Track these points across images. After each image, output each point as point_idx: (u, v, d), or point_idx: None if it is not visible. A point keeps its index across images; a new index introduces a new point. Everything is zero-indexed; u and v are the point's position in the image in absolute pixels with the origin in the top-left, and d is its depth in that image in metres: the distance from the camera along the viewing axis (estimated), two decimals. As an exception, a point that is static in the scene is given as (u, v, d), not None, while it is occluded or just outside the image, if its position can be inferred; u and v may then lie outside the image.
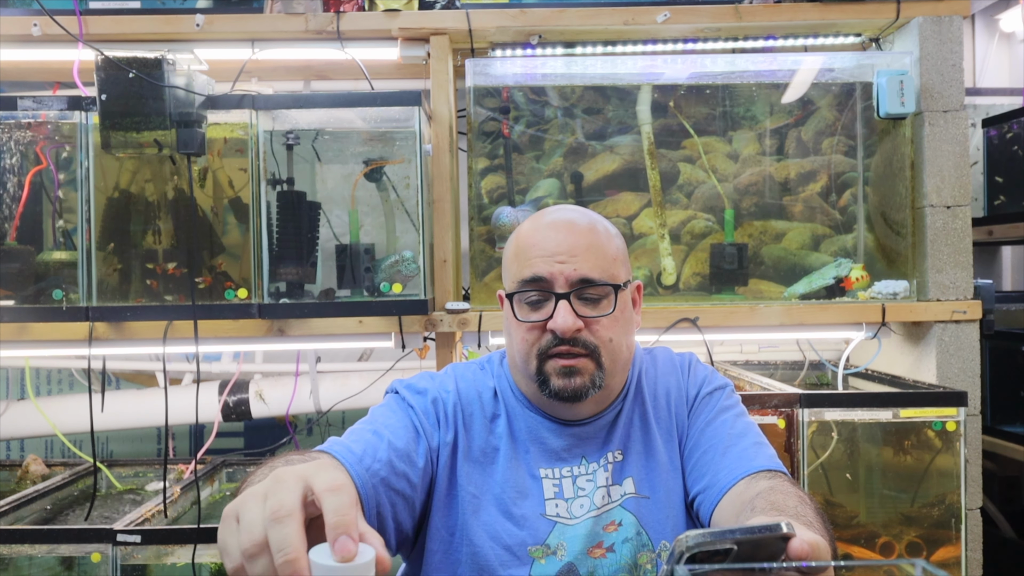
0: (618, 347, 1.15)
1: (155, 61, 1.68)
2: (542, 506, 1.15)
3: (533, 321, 1.13)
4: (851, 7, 1.97)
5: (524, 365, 1.16)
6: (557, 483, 1.16)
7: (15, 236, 1.89)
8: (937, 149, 1.98)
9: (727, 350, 2.42)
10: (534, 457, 1.18)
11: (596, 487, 1.16)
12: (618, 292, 1.14)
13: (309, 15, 1.93)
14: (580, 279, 1.12)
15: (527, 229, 1.18)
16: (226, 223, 1.99)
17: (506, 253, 1.22)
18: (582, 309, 1.12)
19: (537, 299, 1.13)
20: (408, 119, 1.88)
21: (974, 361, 1.94)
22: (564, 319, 1.10)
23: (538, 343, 1.13)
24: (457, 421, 1.18)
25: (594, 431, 1.20)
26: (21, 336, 1.83)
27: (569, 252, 1.13)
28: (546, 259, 1.13)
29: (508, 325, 1.19)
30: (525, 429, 1.20)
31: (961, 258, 1.97)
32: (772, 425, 1.74)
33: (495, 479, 1.16)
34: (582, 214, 1.20)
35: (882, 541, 1.77)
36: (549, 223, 1.17)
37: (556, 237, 1.14)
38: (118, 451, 2.67)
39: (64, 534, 1.69)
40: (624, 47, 2.07)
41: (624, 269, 1.18)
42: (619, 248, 1.19)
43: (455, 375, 1.25)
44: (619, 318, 1.15)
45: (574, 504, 1.15)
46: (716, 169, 2.10)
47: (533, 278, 1.13)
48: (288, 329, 1.86)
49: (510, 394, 1.23)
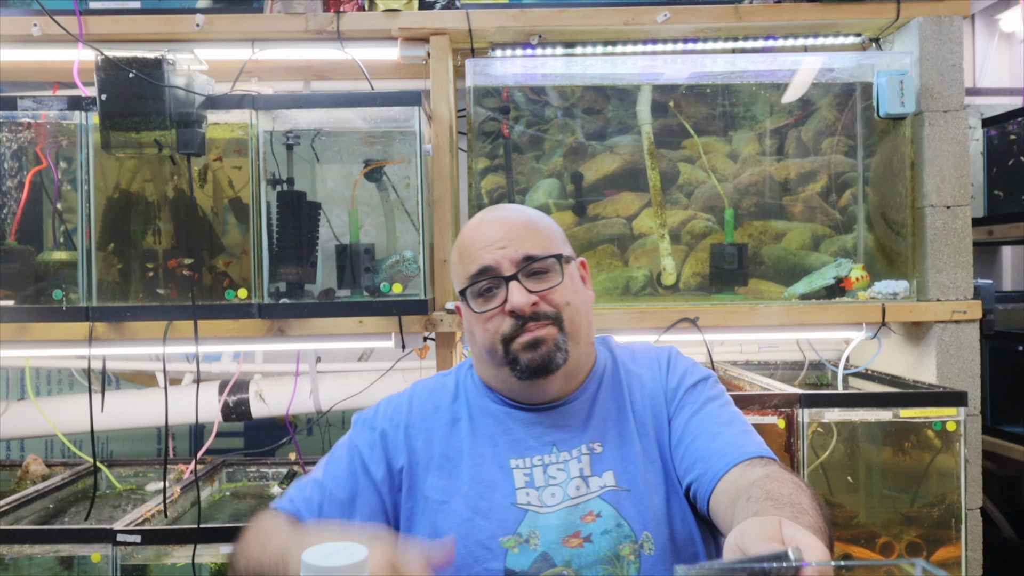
0: (576, 311, 1.19)
1: (155, 61, 1.68)
2: (513, 495, 1.16)
3: (490, 310, 1.17)
4: (851, 7, 1.97)
5: (491, 355, 1.19)
6: (528, 472, 1.18)
7: (15, 236, 1.89)
8: (937, 149, 1.98)
9: (727, 350, 2.42)
10: (503, 449, 1.20)
11: (569, 477, 1.17)
12: (562, 262, 1.19)
13: (309, 15, 1.93)
14: (523, 257, 1.17)
15: (465, 232, 1.24)
16: (226, 223, 1.99)
17: (452, 262, 1.27)
18: (533, 285, 1.16)
19: (489, 287, 1.18)
20: (408, 119, 1.88)
21: (974, 361, 1.94)
22: (517, 296, 1.14)
23: (500, 330, 1.17)
24: (411, 443, 1.22)
25: (565, 417, 1.21)
26: (21, 336, 1.83)
27: (507, 237, 1.18)
28: (487, 249, 1.18)
29: (469, 325, 1.23)
30: (492, 423, 1.22)
31: (961, 258, 1.97)
32: (772, 425, 1.74)
33: (462, 479, 1.18)
34: (515, 208, 1.27)
35: (882, 541, 1.77)
36: (484, 220, 1.23)
37: (492, 228, 1.20)
38: (118, 451, 2.67)
39: (64, 534, 1.69)
40: (624, 47, 2.07)
41: (564, 246, 1.24)
42: (556, 229, 1.25)
43: (411, 395, 1.29)
44: (570, 286, 1.20)
45: (545, 492, 1.16)
46: (716, 169, 2.10)
47: (480, 270, 1.17)
48: (288, 329, 1.86)
49: (475, 392, 1.26)
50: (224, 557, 1.69)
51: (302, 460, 2.20)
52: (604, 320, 1.90)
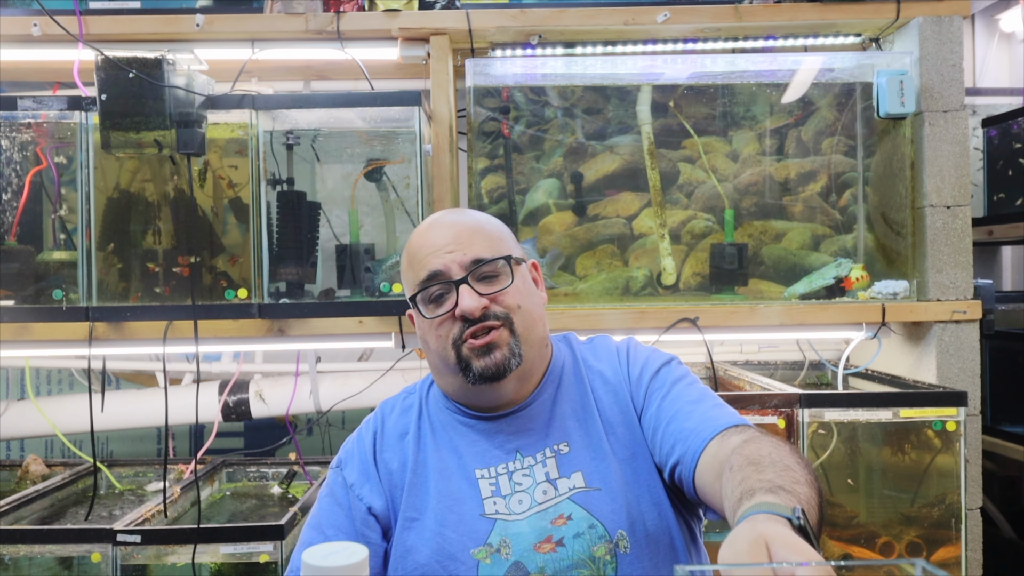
0: (528, 314, 1.17)
1: (155, 61, 1.68)
2: (480, 506, 1.15)
3: (441, 315, 1.16)
4: (851, 7, 1.97)
5: (443, 362, 1.18)
6: (493, 481, 1.17)
7: (15, 236, 1.89)
8: (937, 149, 1.98)
9: (727, 350, 2.42)
10: (468, 460, 1.19)
11: (535, 482, 1.15)
12: (512, 264, 1.17)
13: (309, 15, 1.93)
14: (472, 260, 1.15)
15: (414, 238, 1.22)
16: (226, 223, 1.99)
17: (402, 267, 1.25)
18: (483, 288, 1.15)
19: (439, 292, 1.16)
20: (408, 119, 1.88)
21: (974, 361, 1.94)
22: (468, 301, 1.13)
23: (451, 334, 1.15)
24: (383, 476, 1.21)
25: (526, 421, 1.20)
26: (21, 336, 1.83)
27: (455, 240, 1.17)
28: (436, 253, 1.16)
29: (422, 333, 1.22)
30: (455, 436, 1.21)
31: (961, 258, 1.97)
32: (772, 425, 1.74)
33: (430, 494, 1.17)
34: (463, 212, 1.25)
35: (882, 541, 1.77)
36: (432, 225, 1.22)
37: (440, 232, 1.19)
38: (118, 451, 2.67)
39: (64, 534, 1.69)
40: (624, 47, 2.07)
41: (514, 248, 1.22)
42: (505, 231, 1.24)
43: (375, 427, 1.27)
44: (521, 288, 1.18)
45: (512, 500, 1.15)
46: (716, 169, 2.10)
47: (429, 275, 1.16)
48: (288, 329, 1.86)
49: (436, 406, 1.26)
50: (224, 557, 1.69)
51: (302, 460, 2.20)
52: (604, 320, 1.90)
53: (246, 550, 1.68)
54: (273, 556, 1.67)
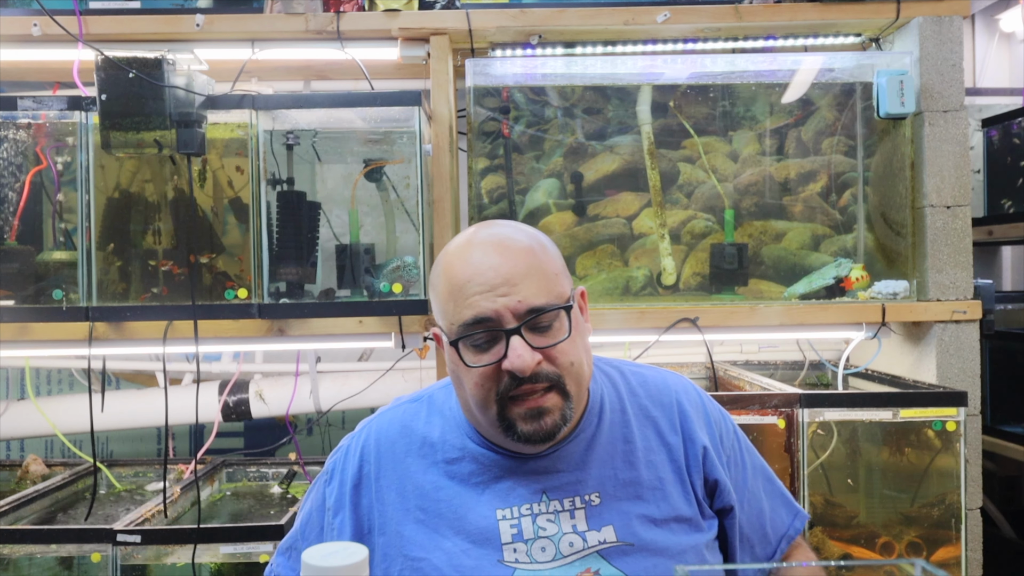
0: (579, 368, 1.05)
1: (155, 61, 1.68)
2: (499, 551, 1.04)
3: (485, 365, 1.01)
4: (851, 7, 1.97)
5: (483, 412, 1.05)
6: (515, 523, 1.06)
7: (15, 236, 1.89)
8: (937, 149, 1.98)
9: (727, 350, 2.42)
10: (488, 497, 1.08)
11: (561, 532, 1.05)
12: (570, 315, 1.03)
13: (309, 15, 1.93)
14: (528, 310, 1.00)
15: (455, 263, 1.05)
16: (226, 223, 1.99)
17: (435, 286, 1.08)
18: (537, 340, 1.01)
19: (484, 340, 1.02)
20: (408, 119, 1.88)
21: (974, 361, 1.93)
22: (520, 357, 0.99)
23: (495, 387, 1.02)
24: (380, 498, 1.11)
25: (557, 462, 1.09)
26: (21, 336, 1.83)
27: (508, 281, 1.00)
28: (485, 295, 1.00)
29: (455, 370, 1.07)
30: (476, 468, 1.10)
31: (961, 258, 1.97)
32: (772, 425, 1.74)
33: (442, 532, 1.06)
34: (514, 230, 1.08)
35: (882, 541, 1.77)
36: (480, 245, 1.05)
37: (490, 263, 1.02)
38: (118, 451, 2.67)
39: (64, 534, 1.69)
40: (624, 47, 2.07)
41: (567, 281, 1.08)
42: (557, 259, 1.08)
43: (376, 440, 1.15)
44: (576, 339, 1.04)
45: (535, 547, 1.04)
46: (716, 169, 2.10)
47: (476, 319, 1.01)
48: (288, 329, 1.86)
49: (456, 432, 1.13)
50: (224, 557, 1.69)
51: (302, 460, 2.20)
52: (604, 320, 1.90)
53: (246, 550, 1.68)
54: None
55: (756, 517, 1.16)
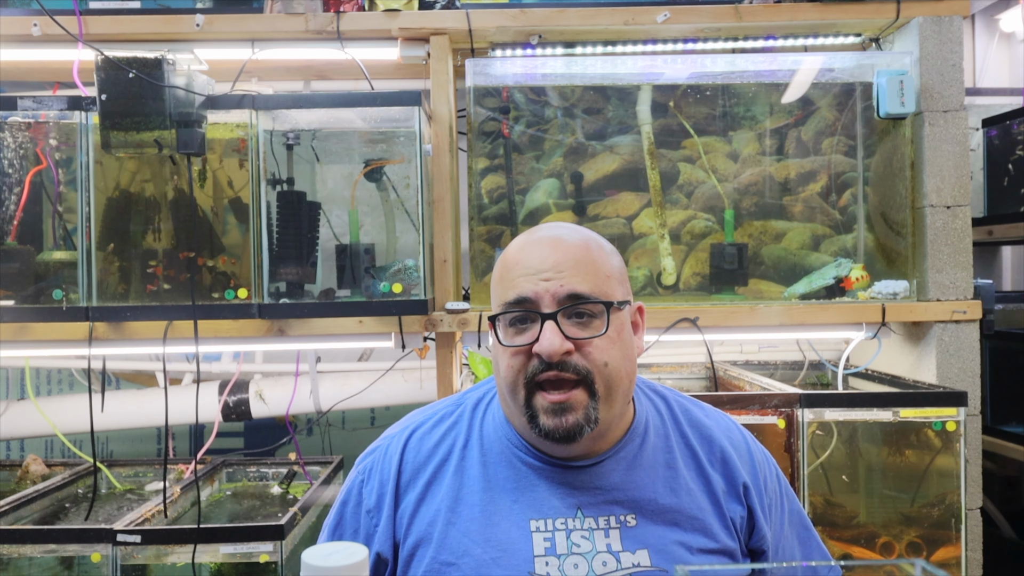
0: (615, 373, 1.03)
1: (155, 61, 1.68)
2: (531, 563, 1.03)
3: (518, 345, 1.03)
4: (851, 7, 1.97)
5: (512, 396, 1.05)
6: (549, 536, 1.04)
7: (15, 236, 1.89)
8: (937, 149, 1.98)
9: (727, 350, 2.42)
10: (522, 507, 1.06)
11: (596, 550, 1.04)
12: (611, 310, 1.03)
13: (309, 15, 1.93)
14: (568, 295, 1.02)
15: (513, 248, 1.09)
16: (226, 223, 1.99)
17: (493, 277, 1.12)
18: (571, 330, 1.02)
19: (522, 321, 1.04)
20: (408, 119, 1.88)
21: (974, 361, 1.93)
22: (550, 341, 1.00)
23: (524, 369, 1.03)
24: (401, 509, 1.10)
25: (595, 478, 1.08)
26: (21, 336, 1.83)
27: (555, 268, 1.03)
28: (530, 277, 1.03)
29: (496, 354, 1.09)
30: (512, 475, 1.09)
31: (961, 258, 1.97)
32: (772, 425, 1.74)
33: (473, 539, 1.05)
34: (573, 230, 1.10)
35: (882, 541, 1.77)
36: (536, 240, 1.08)
37: (542, 253, 1.05)
38: (118, 451, 2.67)
39: (64, 534, 1.69)
40: (624, 47, 2.07)
41: (621, 289, 1.07)
42: (615, 266, 1.08)
43: (406, 445, 1.13)
44: (615, 340, 1.04)
45: (567, 563, 1.03)
46: (716, 169, 2.10)
47: (517, 299, 1.03)
48: (288, 329, 1.86)
49: (494, 435, 1.12)
50: (224, 557, 1.69)
51: (302, 460, 2.20)
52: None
53: (246, 550, 1.68)
54: (273, 556, 1.67)
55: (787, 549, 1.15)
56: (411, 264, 1.88)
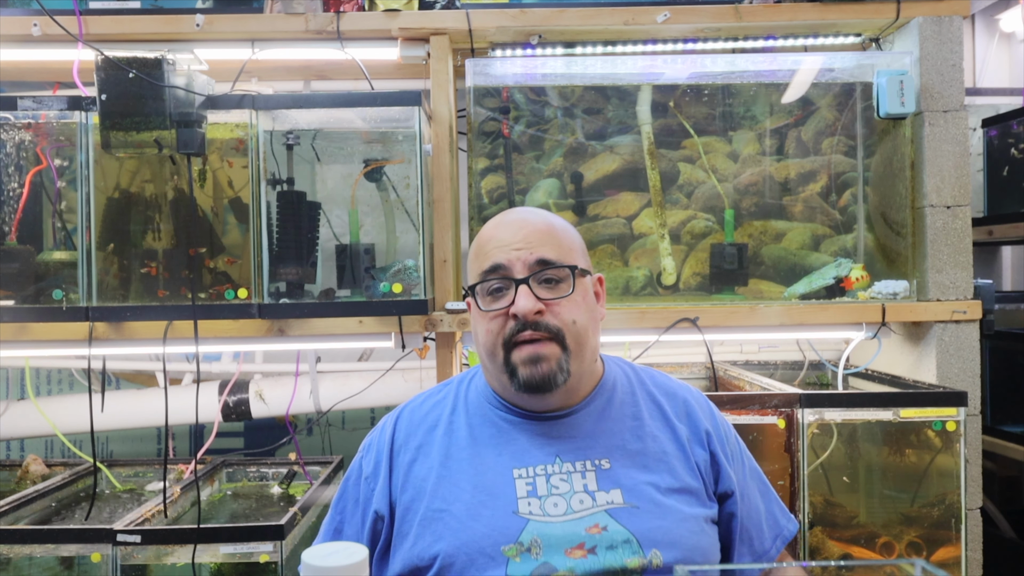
0: (583, 330, 1.17)
1: (155, 61, 1.68)
2: (514, 504, 1.15)
3: (495, 310, 1.17)
4: (851, 7, 1.97)
5: (491, 358, 1.19)
6: (531, 481, 1.17)
7: (15, 236, 1.89)
8: (937, 149, 1.98)
9: (727, 350, 2.42)
10: (506, 459, 1.19)
11: (573, 490, 1.16)
12: (576, 275, 1.18)
13: (309, 15, 1.93)
14: (537, 260, 1.16)
15: (487, 228, 1.23)
16: (226, 223, 1.99)
17: (469, 255, 1.26)
18: (542, 292, 1.16)
19: (498, 287, 1.18)
20: (408, 119, 1.88)
21: (974, 361, 1.93)
22: (524, 302, 1.14)
23: (502, 332, 1.16)
24: (396, 470, 1.23)
25: (569, 428, 1.21)
26: (21, 336, 1.83)
27: (525, 240, 1.18)
28: (503, 248, 1.18)
29: (474, 323, 1.23)
30: (495, 432, 1.21)
31: (961, 258, 1.97)
32: (772, 425, 1.74)
33: (463, 487, 1.17)
34: (539, 213, 1.25)
35: (882, 541, 1.77)
36: (507, 220, 1.23)
37: (512, 229, 1.20)
38: (118, 451, 2.67)
39: (64, 534, 1.69)
40: (624, 47, 2.07)
41: (583, 260, 1.23)
42: (576, 240, 1.24)
43: (398, 418, 1.29)
44: (580, 302, 1.18)
45: (547, 502, 1.15)
46: (716, 169, 2.10)
47: (492, 267, 1.17)
48: (288, 329, 1.86)
49: (477, 400, 1.26)
50: (224, 557, 1.69)
51: (302, 460, 2.20)
52: (604, 320, 1.90)
53: (246, 550, 1.68)
54: (273, 556, 1.67)
55: (754, 512, 1.26)
56: (411, 264, 1.88)
